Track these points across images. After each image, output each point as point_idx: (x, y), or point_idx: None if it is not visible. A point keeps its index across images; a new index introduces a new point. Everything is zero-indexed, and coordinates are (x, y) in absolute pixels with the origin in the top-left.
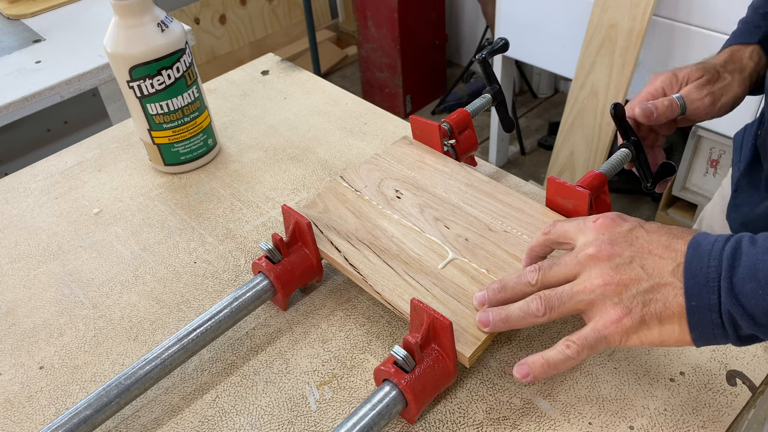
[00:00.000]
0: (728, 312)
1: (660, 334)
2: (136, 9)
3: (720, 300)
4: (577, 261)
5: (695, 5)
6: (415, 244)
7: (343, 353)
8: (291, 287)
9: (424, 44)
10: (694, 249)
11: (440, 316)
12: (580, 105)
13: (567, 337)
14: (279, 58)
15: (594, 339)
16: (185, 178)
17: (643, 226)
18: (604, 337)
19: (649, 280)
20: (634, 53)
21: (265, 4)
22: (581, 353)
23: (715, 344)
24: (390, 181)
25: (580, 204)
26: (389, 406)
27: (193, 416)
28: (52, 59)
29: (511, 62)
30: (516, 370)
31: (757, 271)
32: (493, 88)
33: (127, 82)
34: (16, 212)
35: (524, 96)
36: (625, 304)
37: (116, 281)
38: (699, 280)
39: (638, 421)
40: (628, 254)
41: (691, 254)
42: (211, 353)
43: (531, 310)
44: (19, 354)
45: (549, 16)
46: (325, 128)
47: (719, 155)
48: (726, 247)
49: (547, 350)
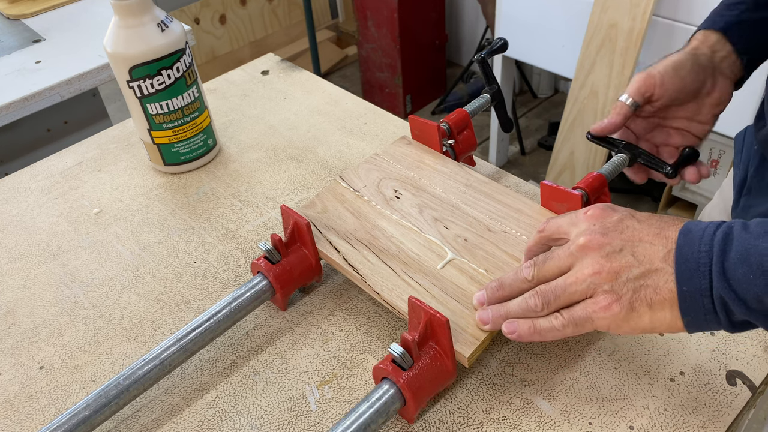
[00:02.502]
0: (720, 297)
1: (651, 320)
2: (136, 9)
3: (712, 285)
4: (570, 253)
5: (695, 5)
6: (414, 244)
7: (343, 353)
8: (290, 287)
9: (424, 44)
10: (685, 235)
11: (437, 313)
12: (580, 105)
13: (559, 311)
14: (279, 58)
15: (580, 317)
16: (185, 178)
17: (634, 215)
18: (591, 319)
19: (640, 266)
20: (634, 53)
21: (265, 4)
22: (566, 327)
23: (707, 330)
24: (389, 181)
25: (573, 207)
26: (387, 403)
27: (193, 416)
28: (52, 59)
29: (511, 62)
30: (505, 325)
31: (749, 256)
32: (492, 88)
33: (127, 82)
34: (16, 212)
35: (524, 96)
36: (616, 291)
37: (116, 281)
38: (690, 265)
39: (638, 421)
40: (619, 242)
41: (682, 240)
42: (211, 353)
43: (529, 306)
44: (19, 354)
45: (549, 16)
46: (325, 128)
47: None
48: (717, 233)
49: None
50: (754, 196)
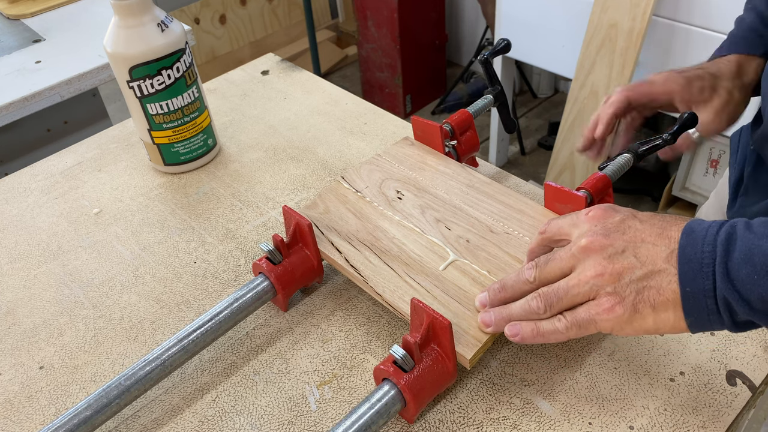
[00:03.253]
0: (723, 297)
1: (654, 321)
2: (136, 9)
3: (715, 285)
4: (571, 254)
5: (695, 5)
6: (416, 245)
7: (343, 353)
8: (291, 288)
9: (424, 44)
10: (688, 235)
11: (439, 316)
12: (580, 105)
13: (562, 313)
14: (279, 58)
15: (584, 319)
16: (185, 178)
17: (635, 215)
18: (594, 321)
19: (643, 267)
20: (634, 53)
21: (265, 4)
22: (570, 330)
23: (710, 330)
24: (391, 181)
25: (577, 208)
26: (388, 405)
27: (193, 416)
28: (52, 59)
29: (511, 62)
30: (508, 327)
31: (753, 256)
32: (495, 89)
33: (127, 82)
34: (16, 212)
35: (524, 96)
36: (619, 293)
37: (116, 281)
38: (693, 265)
39: (638, 421)
40: (621, 243)
41: (685, 240)
42: (211, 353)
43: (532, 308)
44: (19, 354)
45: (549, 16)
46: (325, 128)
47: (719, 155)
48: (720, 233)
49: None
50: (750, 196)
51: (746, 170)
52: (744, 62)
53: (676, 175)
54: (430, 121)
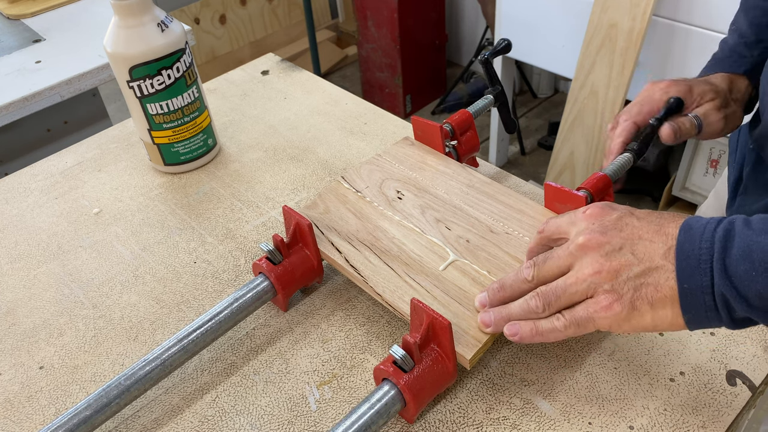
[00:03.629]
0: (721, 294)
1: (652, 318)
2: (136, 9)
3: (713, 282)
4: (569, 252)
5: (695, 5)
6: (416, 245)
7: (343, 353)
8: (291, 288)
9: (424, 44)
10: (686, 231)
11: (439, 316)
12: (580, 105)
13: (561, 311)
14: (279, 58)
15: (582, 317)
16: (185, 178)
17: (633, 212)
18: (592, 319)
19: (640, 264)
20: (634, 53)
21: (265, 4)
22: (568, 328)
23: (708, 327)
24: (391, 181)
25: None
26: (387, 405)
27: (193, 416)
28: (52, 59)
29: (511, 62)
30: (507, 327)
31: (751, 253)
32: (495, 89)
33: (127, 82)
34: (16, 212)
35: (524, 96)
36: (616, 290)
37: (116, 281)
38: (691, 261)
39: (638, 421)
40: (618, 241)
41: (682, 237)
42: (211, 353)
43: (530, 307)
44: (19, 354)
45: (549, 16)
46: (325, 128)
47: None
48: (718, 229)
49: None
50: (749, 195)
51: (745, 169)
52: (734, 79)
53: (676, 175)
54: (430, 121)
